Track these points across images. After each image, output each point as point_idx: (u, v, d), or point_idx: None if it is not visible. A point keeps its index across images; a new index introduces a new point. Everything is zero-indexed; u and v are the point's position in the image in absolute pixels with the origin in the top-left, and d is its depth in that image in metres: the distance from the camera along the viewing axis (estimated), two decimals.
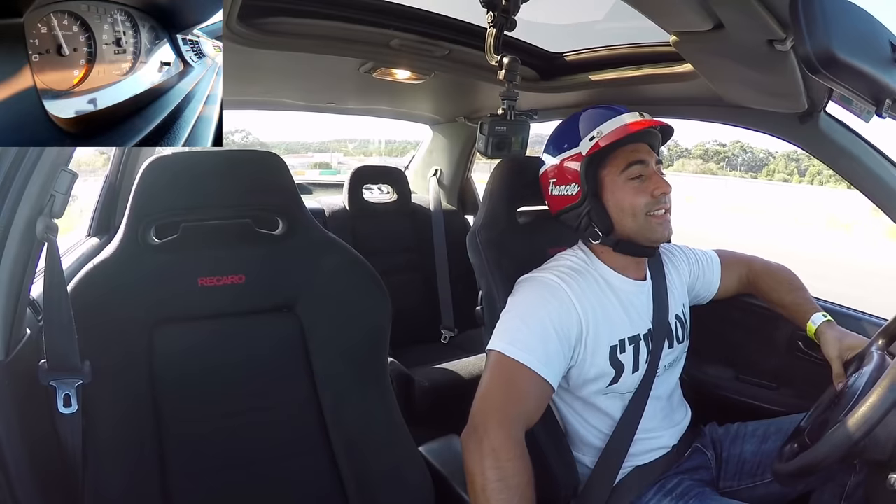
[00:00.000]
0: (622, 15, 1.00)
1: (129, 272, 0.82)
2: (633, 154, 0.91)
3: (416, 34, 1.11)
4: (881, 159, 1.06)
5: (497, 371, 0.85)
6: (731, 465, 1.02)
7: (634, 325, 0.94)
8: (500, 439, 0.78)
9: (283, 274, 0.91)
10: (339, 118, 2.60)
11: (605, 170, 0.92)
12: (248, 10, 0.90)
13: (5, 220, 0.64)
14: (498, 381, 0.85)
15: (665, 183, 0.92)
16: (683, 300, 1.06)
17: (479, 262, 1.04)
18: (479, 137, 1.01)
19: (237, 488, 0.86)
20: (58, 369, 0.72)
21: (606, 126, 0.90)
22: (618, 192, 0.91)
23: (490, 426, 0.79)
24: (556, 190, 0.97)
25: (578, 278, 0.92)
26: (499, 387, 0.84)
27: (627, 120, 0.90)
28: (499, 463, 0.77)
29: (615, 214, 0.92)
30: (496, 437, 0.78)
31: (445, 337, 1.98)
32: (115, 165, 1.57)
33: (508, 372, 0.84)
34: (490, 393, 0.84)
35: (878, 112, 0.71)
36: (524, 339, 0.85)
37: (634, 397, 0.93)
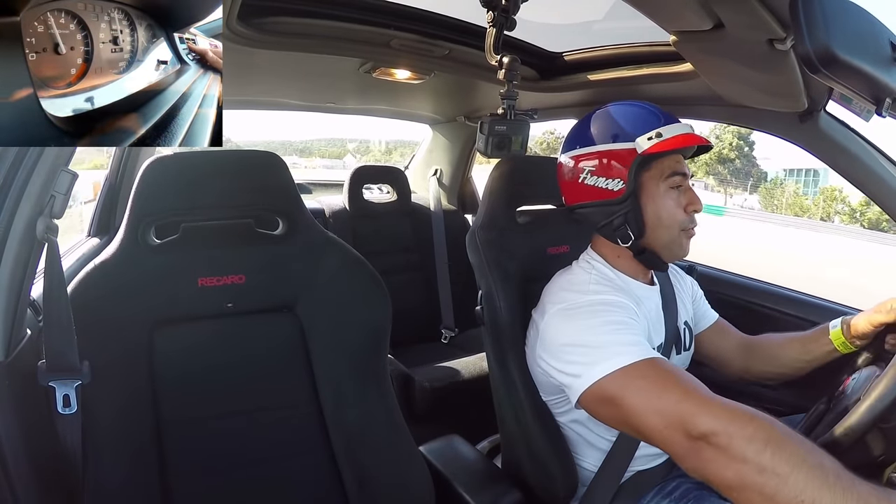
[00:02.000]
0: (622, 14, 1.00)
1: (129, 273, 0.82)
2: (678, 165, 0.88)
3: (416, 34, 1.11)
4: (881, 158, 1.06)
5: (640, 383, 0.70)
6: None
7: (659, 333, 0.94)
8: (721, 417, 0.62)
9: (284, 274, 0.91)
10: (338, 118, 2.60)
11: (649, 173, 0.88)
12: (248, 9, 0.90)
13: (5, 220, 0.64)
14: (652, 387, 0.69)
15: (699, 200, 0.90)
16: (690, 311, 1.06)
17: (479, 262, 1.04)
18: (479, 137, 1.01)
19: (237, 488, 0.86)
20: (57, 370, 0.72)
21: (667, 130, 0.86)
22: (659, 199, 0.88)
23: (699, 420, 0.63)
24: (591, 180, 0.89)
25: (615, 291, 0.87)
26: (660, 389, 0.68)
27: (685, 129, 0.87)
28: (745, 429, 0.60)
29: (651, 221, 0.88)
30: (713, 419, 0.62)
31: (445, 337, 1.99)
32: (115, 165, 1.58)
33: (648, 373, 0.71)
34: (658, 402, 0.67)
35: (878, 111, 0.71)
36: (632, 339, 0.76)
37: None
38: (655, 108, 0.90)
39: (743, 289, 1.40)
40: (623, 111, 0.91)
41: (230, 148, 0.90)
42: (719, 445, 0.61)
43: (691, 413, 0.64)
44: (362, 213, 1.96)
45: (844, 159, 1.07)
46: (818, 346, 0.99)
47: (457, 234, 2.01)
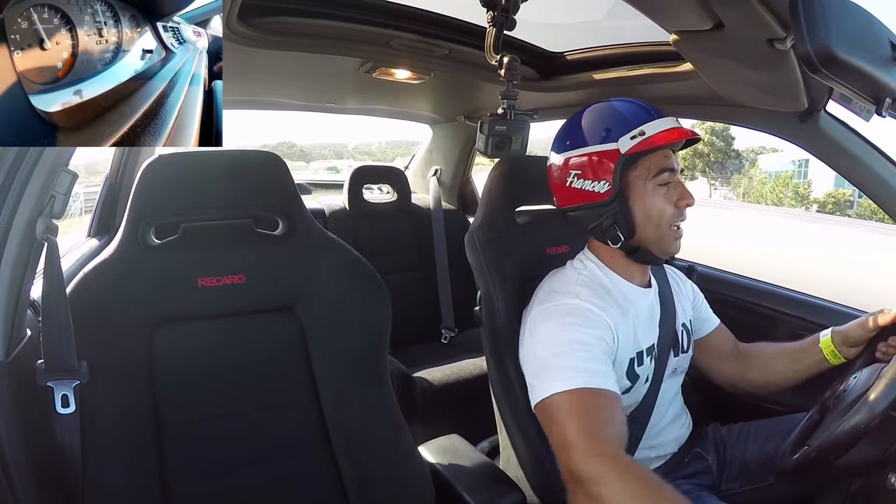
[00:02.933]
0: (622, 14, 1.00)
1: (128, 273, 0.82)
2: (665, 161, 0.87)
3: (416, 34, 1.12)
4: (881, 158, 1.06)
5: (571, 414, 0.76)
6: (733, 467, 1.02)
7: (648, 333, 0.93)
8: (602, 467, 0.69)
9: (283, 274, 0.91)
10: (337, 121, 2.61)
11: (635, 172, 0.87)
12: (248, 9, 0.90)
13: (5, 220, 0.64)
14: (577, 423, 0.75)
15: (690, 194, 0.88)
16: (689, 313, 1.05)
17: (478, 263, 1.04)
18: (479, 137, 1.01)
19: (237, 488, 0.86)
20: (55, 370, 0.72)
21: (650, 127, 0.84)
22: (647, 197, 0.87)
23: (585, 465, 0.70)
24: (578, 183, 0.89)
25: (599, 296, 0.88)
26: (580, 427, 0.75)
27: (669, 124, 0.85)
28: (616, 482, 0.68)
29: (640, 220, 0.87)
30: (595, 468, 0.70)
31: (445, 337, 1.98)
32: (115, 165, 1.58)
33: (584, 406, 0.77)
34: (575, 441, 0.74)
35: (878, 111, 0.71)
36: (583, 366, 0.79)
37: (641, 406, 0.92)
38: (640, 103, 0.89)
39: (743, 289, 1.39)
40: (607, 109, 0.90)
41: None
42: (590, 494, 0.69)
43: (581, 454, 0.72)
44: (362, 214, 1.96)
45: (844, 159, 1.07)
46: (808, 356, 0.99)
47: (457, 234, 2.01)
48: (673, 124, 0.86)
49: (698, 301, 1.10)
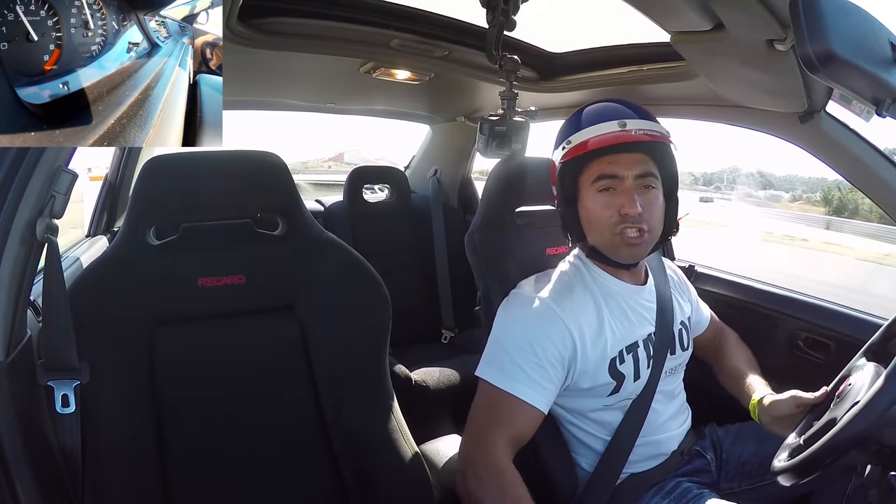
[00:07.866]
0: (622, 14, 1.00)
1: (128, 273, 0.82)
2: (608, 166, 0.86)
3: (416, 34, 1.11)
4: (881, 159, 1.06)
5: (482, 400, 0.86)
6: (731, 467, 1.02)
7: (635, 330, 0.93)
8: (481, 463, 0.80)
9: (283, 274, 0.91)
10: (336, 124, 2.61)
11: (583, 177, 0.89)
12: (248, 10, 0.90)
13: (5, 220, 0.64)
14: (482, 408, 0.86)
15: (633, 202, 0.84)
16: (689, 312, 1.05)
17: (478, 263, 1.04)
18: (478, 137, 1.01)
19: (237, 487, 0.86)
20: (55, 369, 0.72)
21: (582, 134, 0.87)
22: (588, 202, 0.89)
23: (472, 453, 0.82)
24: (552, 186, 0.96)
25: (572, 294, 0.90)
26: (482, 413, 0.85)
27: (605, 130, 0.85)
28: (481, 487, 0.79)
29: (585, 225, 0.91)
30: (477, 460, 0.81)
31: (445, 337, 1.98)
32: (115, 165, 1.58)
33: (494, 400, 0.84)
34: (473, 420, 0.85)
35: (878, 112, 0.71)
36: (509, 368, 0.84)
37: (636, 403, 0.92)
38: (617, 106, 0.89)
39: (742, 289, 1.39)
40: (578, 113, 0.92)
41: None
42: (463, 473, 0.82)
43: (472, 444, 0.83)
44: (362, 213, 1.96)
45: (844, 160, 1.07)
46: (742, 398, 1.01)
47: (457, 235, 2.00)
48: (610, 129, 0.85)
49: (694, 301, 1.11)
